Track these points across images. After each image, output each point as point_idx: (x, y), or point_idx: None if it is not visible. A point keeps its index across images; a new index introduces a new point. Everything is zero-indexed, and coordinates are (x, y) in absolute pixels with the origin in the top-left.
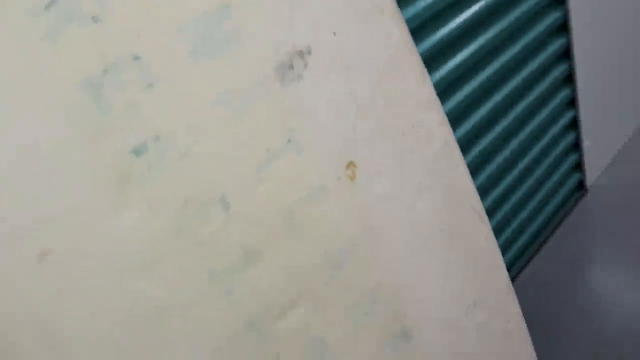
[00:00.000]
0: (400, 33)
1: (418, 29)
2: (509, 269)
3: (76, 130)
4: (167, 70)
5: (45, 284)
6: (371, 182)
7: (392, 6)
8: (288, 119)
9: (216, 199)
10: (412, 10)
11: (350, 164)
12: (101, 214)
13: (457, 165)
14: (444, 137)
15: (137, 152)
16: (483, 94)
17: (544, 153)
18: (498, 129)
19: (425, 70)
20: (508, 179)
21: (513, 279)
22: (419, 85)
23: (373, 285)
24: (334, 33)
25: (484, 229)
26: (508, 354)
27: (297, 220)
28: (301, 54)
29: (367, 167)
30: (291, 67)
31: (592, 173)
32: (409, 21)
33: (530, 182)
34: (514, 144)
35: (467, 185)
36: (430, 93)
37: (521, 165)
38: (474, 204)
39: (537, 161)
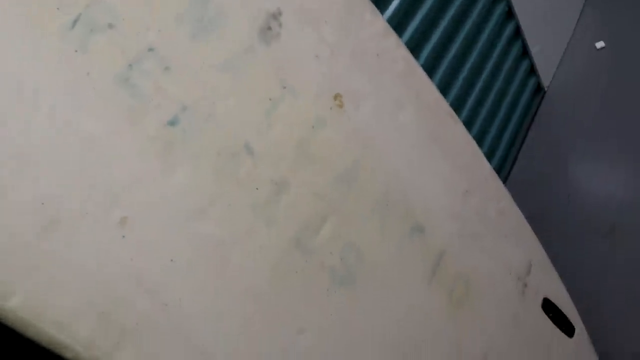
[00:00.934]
0: None
1: None
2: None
3: (120, 118)
4: (177, 53)
5: (130, 243)
6: (357, 106)
7: None
8: (279, 71)
9: (241, 146)
10: None
11: (337, 95)
12: (157, 179)
13: (422, 79)
14: (404, 57)
15: (172, 123)
16: (430, 24)
17: (497, 67)
18: (451, 52)
19: (374, 7)
20: (471, 98)
21: (504, 181)
22: (373, 21)
23: (383, 191)
24: None
25: (459, 127)
26: (505, 230)
27: (308, 149)
28: (275, 16)
29: (351, 95)
30: (269, 28)
31: (546, 75)
32: None
33: (492, 96)
34: (467, 64)
35: (435, 94)
36: (384, 24)
37: (480, 82)
38: (445, 108)
39: (493, 75)
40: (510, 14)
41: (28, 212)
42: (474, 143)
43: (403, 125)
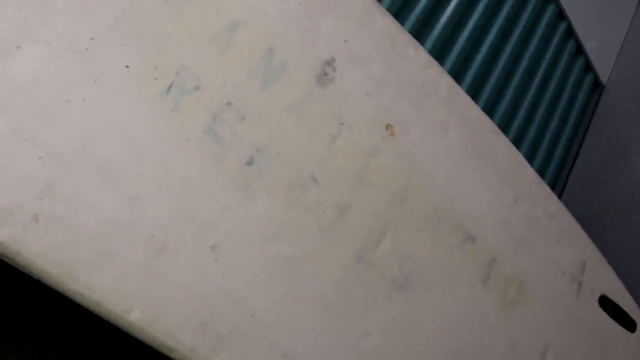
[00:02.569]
0: (386, 20)
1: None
2: (556, 178)
3: (207, 162)
4: (249, 103)
5: (221, 265)
6: (406, 133)
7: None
8: (335, 109)
9: (307, 177)
10: None
11: (388, 126)
12: (239, 210)
13: (465, 102)
14: (447, 84)
15: (249, 163)
16: (478, 38)
17: (552, 67)
18: (501, 60)
19: (417, 43)
20: (527, 100)
21: (564, 184)
22: (416, 55)
23: (433, 208)
24: (345, 41)
25: (502, 141)
26: (556, 232)
27: (365, 176)
28: (329, 63)
29: (400, 124)
30: (325, 74)
31: (604, 71)
32: None
33: (548, 96)
34: (520, 68)
35: (478, 114)
36: (427, 57)
37: (535, 83)
38: (488, 125)
39: (548, 75)
40: (561, 14)
41: (142, 243)
42: (518, 153)
43: (449, 146)
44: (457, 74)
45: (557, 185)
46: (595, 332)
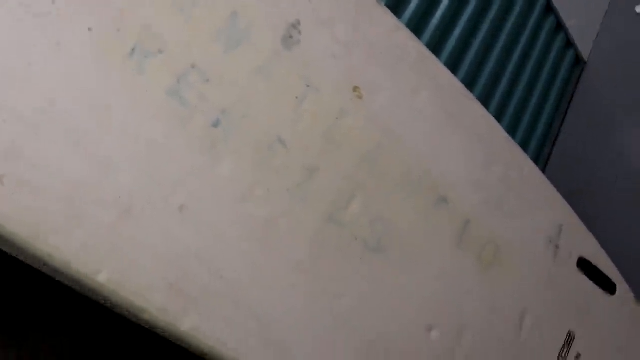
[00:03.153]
0: None
1: None
2: (538, 155)
3: (173, 124)
4: (214, 66)
5: (189, 226)
6: (375, 95)
7: None
8: (302, 72)
9: (275, 139)
10: None
11: (356, 88)
12: (206, 171)
13: (435, 66)
14: (416, 48)
15: (215, 125)
16: (455, 13)
17: (531, 44)
18: (480, 35)
19: (384, 6)
20: (506, 77)
21: (546, 161)
22: (383, 18)
23: (405, 169)
24: (310, 1)
25: (474, 104)
26: (531, 195)
27: (333, 137)
28: (294, 26)
29: (369, 86)
30: (291, 37)
31: (586, 47)
32: None
33: (528, 73)
34: (499, 43)
35: (448, 78)
36: (394, 21)
37: (515, 60)
38: (459, 89)
39: (527, 52)
40: None
41: (109, 204)
42: (490, 117)
43: (420, 109)
44: (435, 49)
45: (539, 162)
46: (575, 295)
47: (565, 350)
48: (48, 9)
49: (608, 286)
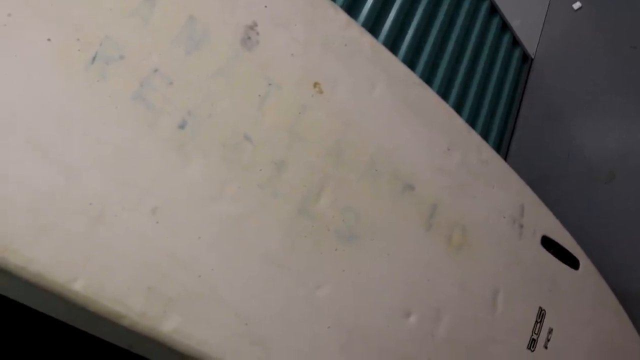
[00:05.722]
0: None
1: None
2: (497, 148)
3: (140, 127)
4: (176, 69)
5: (163, 228)
6: (335, 89)
7: None
8: (263, 71)
9: (241, 136)
10: None
11: (316, 84)
12: (176, 172)
13: (389, 59)
14: (370, 42)
15: (181, 126)
16: (406, 16)
17: (480, 45)
18: (433, 31)
19: (335, 4)
20: (458, 79)
21: (505, 155)
22: (336, 16)
23: (369, 159)
24: (265, 6)
25: (429, 92)
26: (492, 177)
27: (298, 132)
28: (251, 27)
29: (328, 81)
30: (249, 38)
31: (531, 44)
32: None
33: (479, 74)
34: (449, 47)
35: (403, 69)
36: (346, 17)
37: (465, 62)
38: (414, 79)
39: (477, 53)
40: None
41: (79, 212)
42: (445, 104)
43: (378, 100)
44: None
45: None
46: (542, 271)
47: (538, 326)
48: (4, 21)
49: (571, 261)
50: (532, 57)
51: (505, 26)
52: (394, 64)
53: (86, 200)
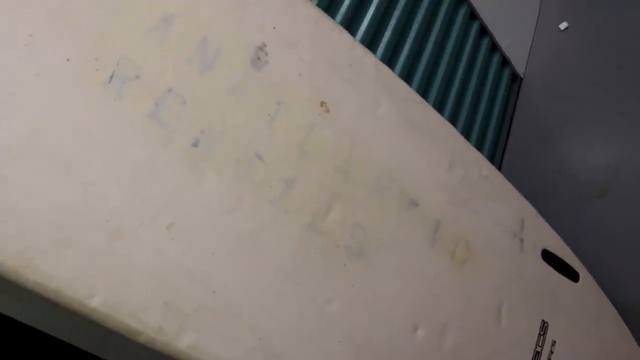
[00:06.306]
0: (309, 7)
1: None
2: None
3: (155, 145)
4: (189, 88)
5: (178, 243)
6: (341, 108)
7: None
8: (272, 90)
9: (253, 154)
10: None
11: (323, 103)
12: (191, 189)
13: (392, 78)
14: (373, 63)
15: (195, 144)
16: (400, 35)
17: (470, 65)
18: (424, 59)
19: (340, 27)
20: (450, 100)
21: (498, 169)
22: (341, 37)
23: (375, 176)
24: (274, 27)
25: (431, 111)
26: (492, 192)
27: (307, 149)
28: (261, 48)
29: (334, 100)
30: (258, 58)
31: (520, 64)
32: None
33: (470, 94)
34: (441, 67)
35: (406, 89)
36: (350, 39)
37: (457, 83)
38: (416, 98)
39: (468, 73)
40: (473, 14)
41: (97, 228)
42: (447, 123)
43: (382, 118)
44: None
45: None
46: (543, 284)
47: (541, 338)
48: (25, 41)
49: (571, 274)
50: (522, 76)
51: (494, 46)
52: (397, 83)
53: (103, 216)
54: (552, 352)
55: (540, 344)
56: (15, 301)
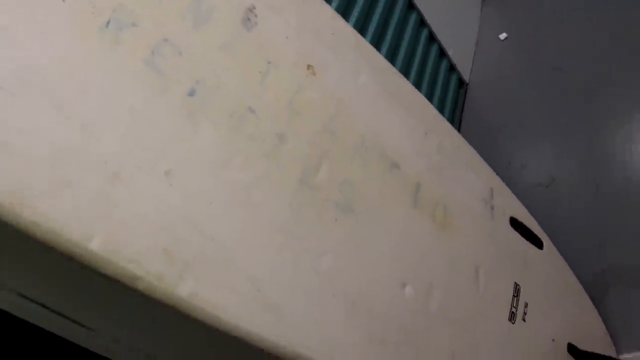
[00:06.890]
0: None
1: None
2: None
3: (151, 91)
4: (185, 41)
5: (177, 191)
6: (326, 71)
7: None
8: (262, 50)
9: (245, 108)
10: None
11: (309, 66)
12: (187, 137)
13: (370, 49)
14: (353, 34)
15: (190, 94)
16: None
17: (421, 70)
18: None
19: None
20: None
21: None
22: (323, 8)
23: (360, 137)
24: None
25: (405, 83)
26: (464, 162)
27: (296, 108)
28: (250, 9)
29: (320, 65)
30: (248, 19)
31: (465, 70)
32: None
33: (423, 92)
34: (396, 66)
35: (383, 60)
36: (332, 10)
37: (410, 82)
38: (392, 70)
39: (419, 77)
40: (422, 21)
41: (96, 169)
42: (421, 95)
43: (363, 85)
44: None
45: None
46: (513, 249)
47: (515, 300)
48: None
49: (536, 242)
50: (467, 82)
51: (443, 53)
52: (375, 55)
53: (102, 158)
54: (525, 313)
55: (515, 305)
56: (8, 247)
